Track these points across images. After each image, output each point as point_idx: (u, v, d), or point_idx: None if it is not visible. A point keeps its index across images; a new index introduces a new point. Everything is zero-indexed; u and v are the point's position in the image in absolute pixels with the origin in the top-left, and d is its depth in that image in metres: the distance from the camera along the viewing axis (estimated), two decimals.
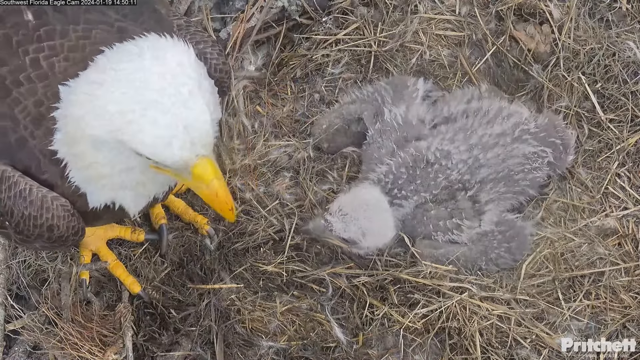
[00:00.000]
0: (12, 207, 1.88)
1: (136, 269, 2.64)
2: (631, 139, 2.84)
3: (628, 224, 2.72)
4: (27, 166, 1.88)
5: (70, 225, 1.94)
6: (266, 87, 3.01)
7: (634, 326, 2.53)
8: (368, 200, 2.55)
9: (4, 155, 1.87)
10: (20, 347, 2.54)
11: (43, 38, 1.87)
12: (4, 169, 1.87)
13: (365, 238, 2.53)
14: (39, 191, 1.88)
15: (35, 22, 1.89)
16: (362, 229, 2.51)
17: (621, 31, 3.00)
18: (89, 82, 1.72)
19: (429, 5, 3.06)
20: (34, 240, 1.96)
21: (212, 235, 2.66)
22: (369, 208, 2.53)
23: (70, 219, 1.94)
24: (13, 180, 1.86)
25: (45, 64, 1.84)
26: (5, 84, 1.84)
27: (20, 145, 1.85)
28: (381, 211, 2.56)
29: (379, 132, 2.73)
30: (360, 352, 2.52)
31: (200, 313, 2.55)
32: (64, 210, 1.91)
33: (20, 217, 1.90)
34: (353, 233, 2.51)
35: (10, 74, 1.85)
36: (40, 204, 1.88)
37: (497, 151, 2.64)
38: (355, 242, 2.53)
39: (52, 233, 1.93)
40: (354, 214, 2.51)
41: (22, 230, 1.93)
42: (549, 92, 2.93)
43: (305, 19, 3.09)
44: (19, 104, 1.84)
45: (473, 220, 2.61)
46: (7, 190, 1.87)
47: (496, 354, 2.47)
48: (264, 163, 2.81)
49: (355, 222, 2.50)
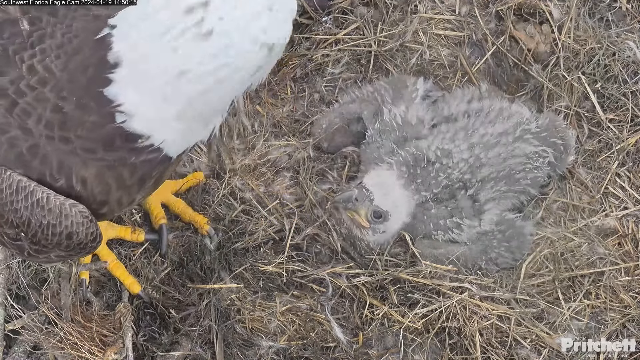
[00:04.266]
0: (30, 216, 1.87)
1: (136, 269, 2.64)
2: (631, 138, 2.84)
3: (628, 223, 2.72)
4: (41, 173, 1.86)
5: (89, 231, 1.93)
6: (266, 86, 3.01)
7: (634, 326, 2.53)
8: (394, 181, 2.60)
9: (17, 165, 1.86)
10: (20, 347, 2.54)
11: (35, 43, 1.87)
12: (19, 179, 1.86)
13: (393, 216, 2.56)
14: (56, 199, 1.87)
15: (29, 29, 1.89)
16: (394, 204, 2.56)
17: (621, 31, 3.00)
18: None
19: (429, 5, 3.06)
20: (51, 249, 1.95)
21: (212, 235, 2.66)
22: (395, 189, 2.58)
23: (89, 225, 1.92)
24: (29, 189, 1.85)
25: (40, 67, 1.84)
26: (8, 93, 1.84)
27: (33, 153, 1.85)
28: (400, 196, 2.61)
29: (378, 131, 2.73)
30: (360, 352, 2.52)
31: (200, 313, 2.55)
32: (82, 216, 1.90)
33: (38, 226, 1.88)
34: (388, 205, 2.55)
35: (11, 84, 1.84)
36: (59, 212, 1.87)
37: (499, 150, 2.64)
38: (385, 218, 2.55)
39: (71, 240, 1.92)
40: (388, 188, 2.57)
41: (39, 240, 1.92)
42: (549, 92, 2.93)
43: (305, 18, 3.09)
44: (29, 114, 1.83)
45: (473, 220, 2.61)
46: (24, 200, 1.86)
47: (496, 353, 2.47)
48: (264, 163, 2.81)
49: (389, 197, 2.56)
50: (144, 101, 1.77)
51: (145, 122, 1.82)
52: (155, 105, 1.78)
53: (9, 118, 1.84)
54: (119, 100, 1.78)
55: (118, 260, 2.61)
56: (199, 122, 1.86)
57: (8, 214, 1.89)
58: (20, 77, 1.85)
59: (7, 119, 1.85)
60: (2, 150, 1.86)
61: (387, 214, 2.55)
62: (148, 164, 1.91)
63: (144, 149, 1.87)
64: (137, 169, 1.92)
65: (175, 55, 1.66)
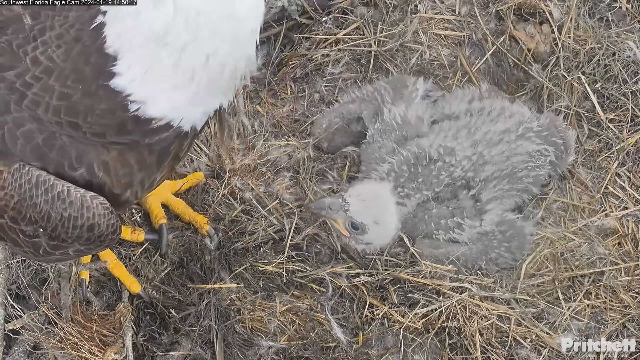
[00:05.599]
0: (50, 210, 1.87)
1: (136, 269, 2.64)
2: (631, 138, 2.84)
3: (628, 223, 2.72)
4: (59, 164, 1.87)
5: (110, 223, 1.94)
6: (266, 86, 3.01)
7: (634, 326, 2.53)
8: (383, 196, 2.59)
9: (34, 158, 1.86)
10: (20, 347, 2.54)
11: (37, 36, 1.88)
12: (38, 174, 1.86)
13: (372, 230, 2.55)
14: (77, 192, 1.87)
15: (31, 23, 1.90)
16: (375, 218, 2.54)
17: (621, 31, 3.00)
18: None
19: (429, 5, 3.06)
20: (70, 244, 1.95)
21: (212, 235, 2.66)
22: (383, 203, 2.57)
23: (110, 216, 1.93)
24: (49, 183, 1.85)
25: (43, 58, 1.84)
26: (16, 87, 1.85)
27: (50, 144, 1.85)
28: (390, 211, 2.59)
29: (378, 131, 2.73)
30: (360, 351, 2.51)
31: (200, 313, 2.55)
32: (103, 208, 1.91)
33: (59, 220, 1.89)
34: (366, 219, 2.53)
35: (17, 77, 1.85)
36: (81, 204, 1.87)
37: (502, 148, 2.64)
38: (362, 230, 2.54)
39: (92, 233, 1.92)
40: (371, 201, 2.55)
41: (59, 234, 1.92)
42: (549, 91, 2.93)
43: (305, 18, 3.09)
44: (38, 104, 1.84)
45: (474, 220, 2.61)
46: (44, 194, 1.85)
47: (496, 353, 2.47)
48: (264, 163, 2.81)
49: (372, 209, 2.54)
50: (152, 84, 1.80)
51: (159, 106, 1.83)
52: (163, 85, 1.80)
53: (22, 112, 1.85)
54: (128, 91, 1.80)
55: (118, 260, 2.61)
56: (209, 92, 1.87)
57: (27, 210, 1.89)
58: (26, 69, 1.85)
59: (21, 113, 1.85)
60: (19, 145, 1.86)
61: (364, 227, 2.54)
62: (163, 141, 1.92)
63: (158, 130, 1.88)
64: (153, 147, 1.93)
65: (170, 26, 1.71)
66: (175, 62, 1.76)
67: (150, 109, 1.83)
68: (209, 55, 1.77)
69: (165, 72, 1.78)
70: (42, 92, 1.84)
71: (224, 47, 1.77)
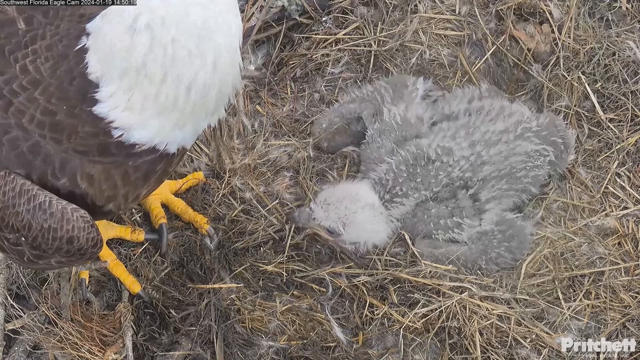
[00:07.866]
0: (31, 220, 1.86)
1: (136, 269, 2.63)
2: (631, 138, 2.84)
3: (628, 223, 2.72)
4: (43, 172, 1.86)
5: (90, 237, 1.93)
6: (266, 86, 3.01)
7: (634, 326, 2.53)
8: (352, 192, 2.58)
9: (19, 166, 1.86)
10: (20, 347, 2.54)
11: (29, 43, 1.88)
12: (22, 182, 1.86)
13: (346, 229, 2.54)
14: (58, 203, 1.86)
15: (25, 29, 1.90)
16: (342, 219, 2.53)
17: (621, 31, 3.00)
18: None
19: (429, 5, 3.06)
20: (51, 255, 1.94)
21: (212, 235, 2.66)
22: (352, 200, 2.56)
23: (90, 230, 1.92)
24: (32, 193, 1.85)
25: (31, 68, 1.84)
26: (3, 93, 1.85)
27: (35, 152, 1.85)
28: (365, 205, 2.57)
29: (378, 131, 2.73)
30: (360, 351, 2.51)
31: (200, 313, 2.54)
32: (83, 221, 1.90)
33: (39, 230, 1.88)
34: (333, 222, 2.53)
35: (5, 84, 1.85)
36: (61, 216, 1.86)
37: (500, 148, 2.64)
38: (336, 233, 2.55)
39: (72, 245, 1.92)
40: (337, 204, 2.54)
41: (39, 244, 1.91)
42: (548, 91, 2.93)
43: (305, 18, 3.09)
44: (23, 113, 1.84)
45: (473, 219, 2.61)
46: (26, 204, 1.85)
47: (496, 353, 2.47)
48: (264, 163, 2.81)
49: (336, 212, 2.53)
50: (136, 112, 1.79)
51: (143, 132, 1.83)
52: (147, 112, 1.79)
53: (8, 119, 1.85)
54: (111, 117, 1.80)
55: (118, 260, 2.61)
56: (196, 115, 1.86)
57: (9, 218, 1.89)
58: (15, 76, 1.86)
59: (7, 120, 1.85)
60: (4, 151, 1.86)
61: (335, 230, 2.55)
62: (149, 162, 1.92)
63: (142, 153, 1.87)
64: (139, 166, 1.92)
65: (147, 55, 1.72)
66: (157, 91, 1.76)
67: (134, 136, 1.82)
68: (190, 83, 1.76)
69: (148, 100, 1.78)
70: (27, 102, 1.84)
71: (206, 73, 1.77)
